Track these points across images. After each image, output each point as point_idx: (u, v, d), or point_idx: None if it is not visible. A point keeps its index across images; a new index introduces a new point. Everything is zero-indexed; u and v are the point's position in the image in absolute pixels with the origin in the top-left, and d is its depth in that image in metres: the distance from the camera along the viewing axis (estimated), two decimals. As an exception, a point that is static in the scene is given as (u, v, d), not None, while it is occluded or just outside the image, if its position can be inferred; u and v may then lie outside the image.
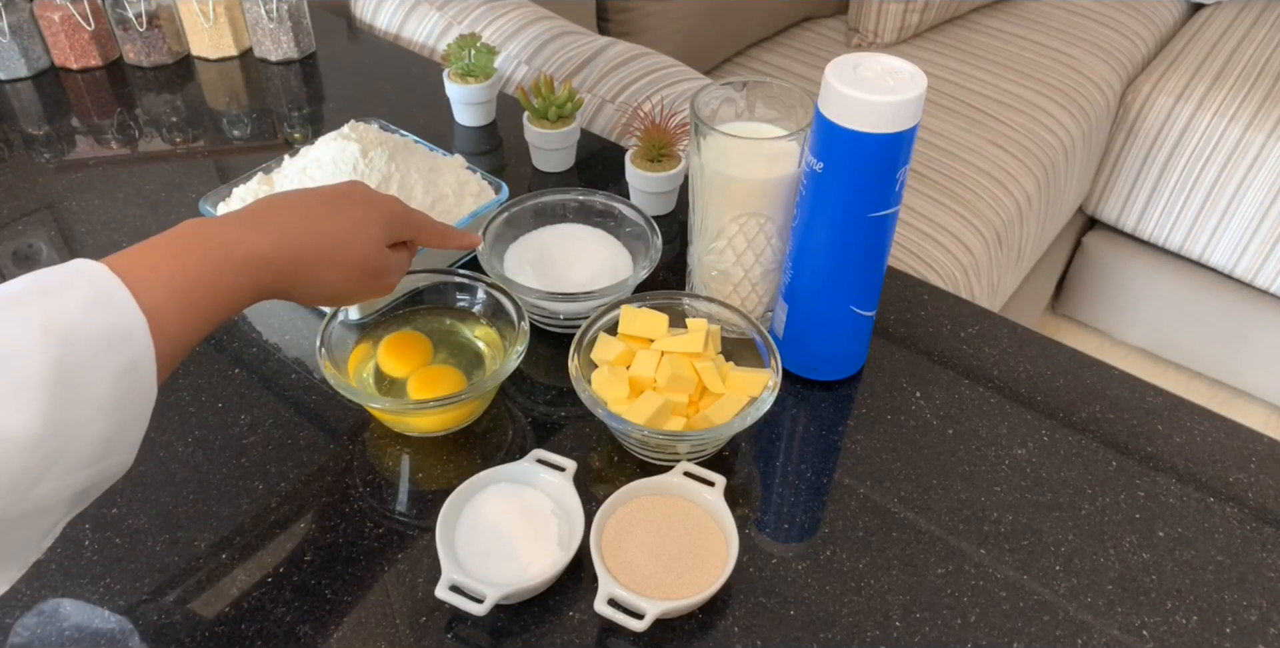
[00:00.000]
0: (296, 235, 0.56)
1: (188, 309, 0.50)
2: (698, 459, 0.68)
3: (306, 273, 0.57)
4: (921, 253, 1.25)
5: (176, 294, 0.49)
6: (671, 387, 0.66)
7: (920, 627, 0.61)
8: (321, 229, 0.57)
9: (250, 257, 0.53)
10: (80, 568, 0.62)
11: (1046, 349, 0.79)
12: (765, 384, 0.66)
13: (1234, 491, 0.69)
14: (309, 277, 0.57)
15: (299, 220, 0.57)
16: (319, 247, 0.57)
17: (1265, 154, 1.54)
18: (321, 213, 0.58)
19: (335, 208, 0.59)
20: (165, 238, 0.52)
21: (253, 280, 0.53)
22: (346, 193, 0.61)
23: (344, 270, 0.59)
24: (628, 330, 0.69)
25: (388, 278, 0.63)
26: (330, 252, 0.57)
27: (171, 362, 0.50)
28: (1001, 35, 1.65)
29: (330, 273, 0.58)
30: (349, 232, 0.59)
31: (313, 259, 0.57)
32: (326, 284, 0.58)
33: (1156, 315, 1.81)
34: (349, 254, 0.58)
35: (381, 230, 0.61)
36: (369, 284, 0.61)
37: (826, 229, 0.66)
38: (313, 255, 0.57)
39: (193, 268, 0.51)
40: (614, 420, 0.64)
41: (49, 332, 0.44)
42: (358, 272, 0.59)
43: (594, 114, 1.04)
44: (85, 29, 1.04)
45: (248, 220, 0.55)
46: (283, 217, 0.57)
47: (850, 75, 0.60)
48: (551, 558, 0.60)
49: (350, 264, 0.59)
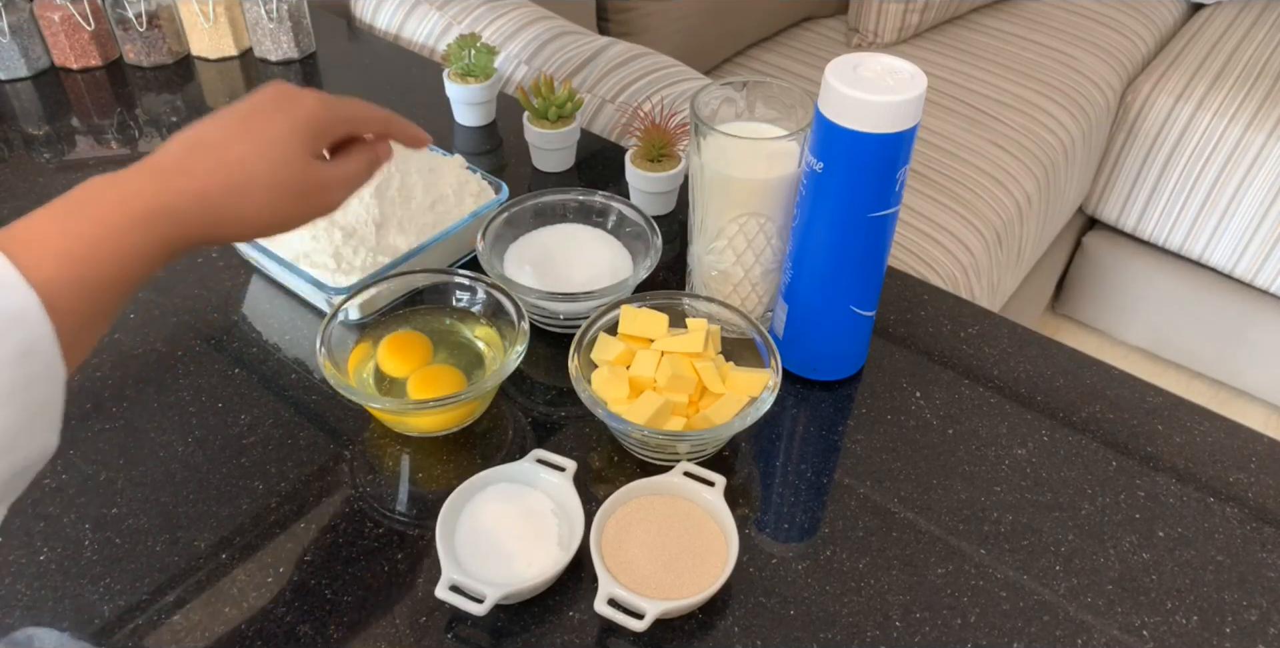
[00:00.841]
0: (199, 174, 0.50)
1: (87, 279, 0.45)
2: (698, 459, 0.68)
3: (221, 212, 0.51)
4: (921, 253, 1.25)
5: (71, 265, 0.44)
6: (671, 387, 0.66)
7: (920, 627, 0.61)
8: (228, 158, 0.51)
9: (150, 209, 0.48)
10: (80, 568, 0.62)
11: (1046, 349, 0.79)
12: (765, 384, 0.66)
13: (1234, 491, 0.69)
14: (227, 215, 0.51)
15: (201, 155, 0.51)
16: (228, 181, 0.51)
17: (1265, 154, 1.54)
18: (228, 139, 0.52)
19: (243, 128, 0.53)
20: (59, 202, 0.47)
21: (160, 235, 0.48)
22: (256, 106, 0.54)
23: (266, 198, 0.52)
24: (628, 330, 0.69)
25: (325, 195, 0.56)
26: (243, 183, 0.51)
27: (82, 337, 0.46)
28: (1001, 35, 1.65)
29: (250, 205, 0.52)
30: (261, 153, 0.52)
31: (222, 196, 0.51)
32: (250, 218, 0.52)
33: (1156, 315, 1.81)
34: (266, 178, 0.52)
35: (301, 141, 0.54)
36: (303, 205, 0.55)
37: (826, 229, 0.66)
38: (221, 192, 0.51)
39: (86, 232, 0.46)
40: (614, 420, 0.64)
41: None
42: (284, 196, 0.53)
43: (594, 114, 1.04)
44: (85, 29, 1.04)
45: (147, 169, 0.50)
46: (186, 156, 0.51)
47: (850, 75, 0.60)
48: (551, 558, 0.60)
49: (272, 188, 0.52)
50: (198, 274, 0.83)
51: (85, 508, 0.66)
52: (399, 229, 0.76)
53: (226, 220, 0.51)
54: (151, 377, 0.74)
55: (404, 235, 0.76)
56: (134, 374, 0.74)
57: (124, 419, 0.71)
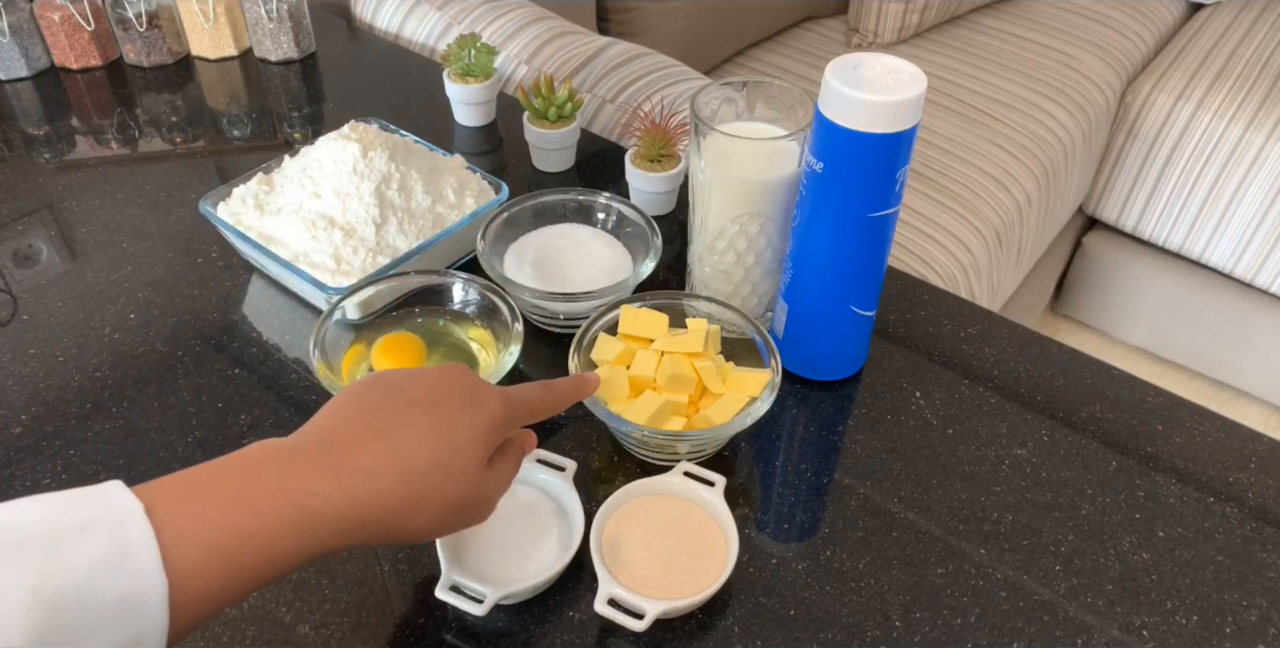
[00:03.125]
0: (381, 480, 0.45)
1: (226, 577, 0.40)
2: (698, 459, 0.68)
3: (388, 524, 0.46)
4: (921, 253, 1.25)
5: (217, 558, 0.40)
6: (671, 387, 0.66)
7: (920, 627, 0.61)
8: (412, 468, 0.46)
9: (321, 513, 0.43)
10: (80, 568, 0.62)
11: (1046, 349, 0.79)
12: (765, 384, 0.66)
13: (1234, 491, 0.69)
14: (391, 528, 0.46)
15: (386, 455, 0.46)
16: (406, 492, 0.46)
17: (1265, 154, 1.54)
18: (411, 431, 0.47)
19: (426, 422, 0.48)
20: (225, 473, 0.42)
21: (319, 539, 0.43)
22: (441, 398, 0.49)
23: (435, 513, 0.47)
24: (628, 330, 0.69)
25: (485, 506, 0.51)
26: (421, 495, 0.46)
27: (188, 631, 0.40)
28: (1001, 35, 1.65)
29: (418, 519, 0.47)
30: (442, 461, 0.47)
31: (398, 509, 0.46)
32: (413, 532, 0.47)
33: (1156, 315, 1.81)
34: (443, 492, 0.47)
35: (480, 450, 0.49)
36: (464, 518, 0.50)
37: (826, 229, 0.66)
38: (398, 505, 0.46)
39: (247, 525, 0.41)
40: (614, 421, 0.64)
41: (39, 597, 0.36)
42: (453, 509, 0.48)
43: (594, 114, 1.04)
44: (85, 29, 1.04)
45: (326, 456, 0.45)
46: (366, 450, 0.46)
47: (850, 75, 0.60)
48: (552, 558, 0.60)
49: (444, 503, 0.47)
50: (198, 274, 0.83)
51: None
52: (399, 229, 0.76)
53: (383, 533, 0.46)
54: (151, 377, 0.74)
55: (404, 235, 0.76)
56: (134, 374, 0.74)
57: (124, 419, 0.71)
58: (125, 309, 0.79)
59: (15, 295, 0.81)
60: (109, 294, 0.81)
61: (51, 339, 0.77)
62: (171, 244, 0.85)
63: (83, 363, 0.75)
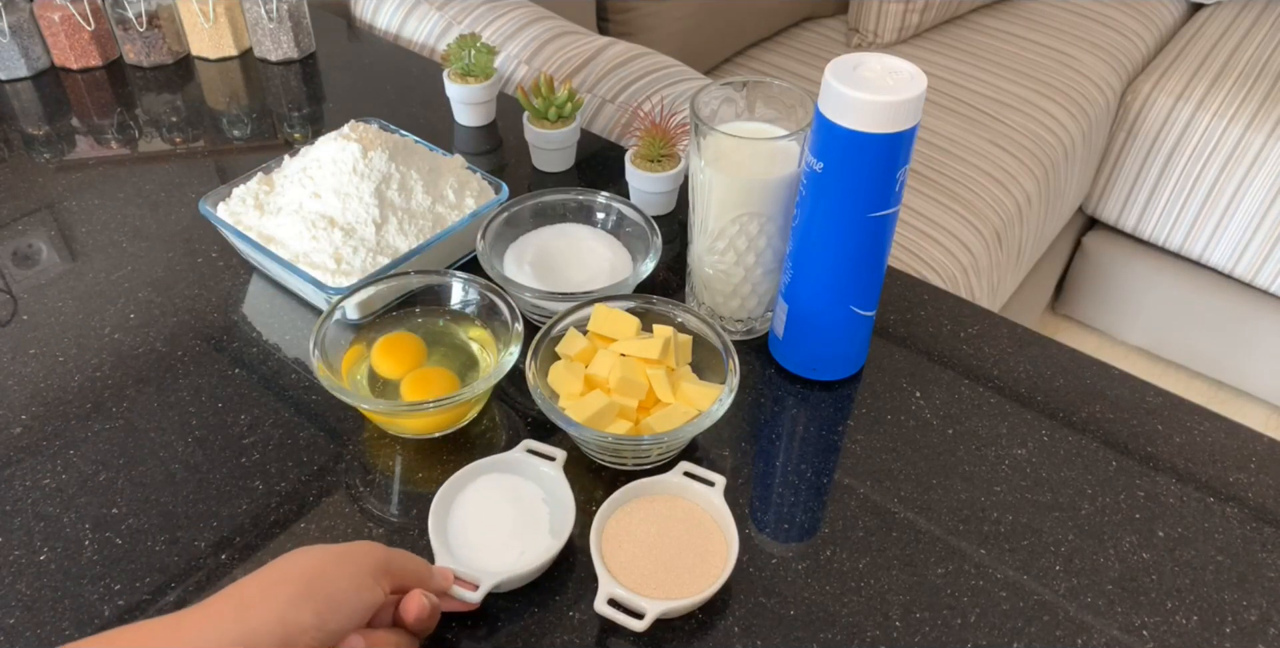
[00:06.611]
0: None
1: None
2: (642, 466, 0.67)
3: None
4: (921, 253, 1.25)
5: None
6: (621, 390, 0.65)
7: (920, 627, 0.61)
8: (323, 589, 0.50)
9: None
10: (80, 568, 0.62)
11: (1046, 349, 0.79)
12: (715, 399, 0.65)
13: (1234, 491, 0.69)
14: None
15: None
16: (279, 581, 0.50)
17: (1265, 154, 1.54)
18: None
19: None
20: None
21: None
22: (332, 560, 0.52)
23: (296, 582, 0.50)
24: (597, 329, 0.69)
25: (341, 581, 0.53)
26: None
27: None
28: (1001, 35, 1.66)
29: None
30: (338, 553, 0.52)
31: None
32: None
33: (1156, 315, 1.81)
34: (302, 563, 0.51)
35: (375, 576, 0.53)
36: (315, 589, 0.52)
37: (826, 229, 0.66)
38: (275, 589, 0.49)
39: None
40: (552, 413, 0.63)
41: None
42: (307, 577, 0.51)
43: (594, 114, 1.04)
44: (85, 29, 1.04)
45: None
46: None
47: (850, 75, 0.60)
48: (544, 546, 0.61)
49: (304, 572, 0.51)
50: (198, 274, 0.83)
51: (85, 508, 0.66)
52: (399, 229, 0.76)
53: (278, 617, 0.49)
54: (151, 377, 0.74)
55: (404, 235, 0.76)
56: (134, 374, 0.74)
57: (124, 419, 0.71)
58: (125, 309, 0.79)
59: (15, 295, 0.81)
60: (109, 294, 0.81)
61: (51, 339, 0.77)
62: (171, 244, 0.85)
63: (83, 363, 0.75)
